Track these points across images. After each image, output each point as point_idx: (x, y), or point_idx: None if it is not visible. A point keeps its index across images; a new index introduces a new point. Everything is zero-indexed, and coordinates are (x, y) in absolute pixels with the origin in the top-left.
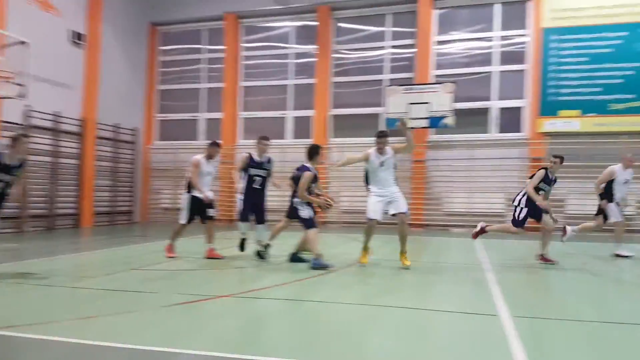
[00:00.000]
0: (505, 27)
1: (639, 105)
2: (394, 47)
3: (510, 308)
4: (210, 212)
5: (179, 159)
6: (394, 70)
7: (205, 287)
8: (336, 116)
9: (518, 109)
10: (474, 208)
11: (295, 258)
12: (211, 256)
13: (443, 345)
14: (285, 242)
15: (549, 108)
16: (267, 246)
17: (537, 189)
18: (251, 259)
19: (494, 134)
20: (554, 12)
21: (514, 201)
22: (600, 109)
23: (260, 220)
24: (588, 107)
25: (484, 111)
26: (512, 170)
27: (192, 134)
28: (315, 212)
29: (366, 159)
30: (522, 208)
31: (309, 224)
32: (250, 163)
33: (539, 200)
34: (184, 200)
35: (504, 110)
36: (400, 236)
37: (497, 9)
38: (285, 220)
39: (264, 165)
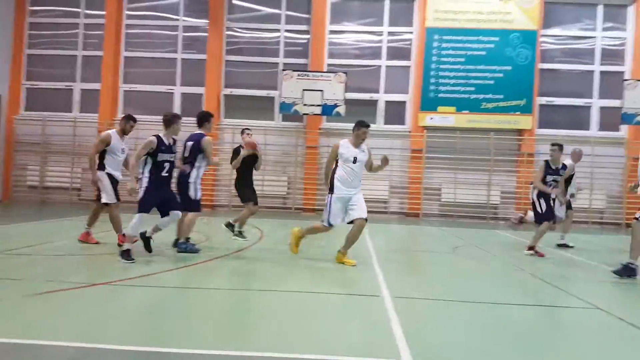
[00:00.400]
0: (393, 23)
1: (506, 105)
2: (289, 31)
3: (391, 290)
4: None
5: (50, 132)
6: (289, 54)
7: (78, 274)
8: (228, 96)
9: (403, 102)
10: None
11: (180, 246)
12: (85, 240)
13: (332, 325)
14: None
15: (429, 104)
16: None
17: (545, 182)
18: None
19: (380, 125)
20: (437, 13)
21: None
22: (473, 107)
23: (176, 207)
24: (463, 105)
25: (373, 103)
26: (395, 161)
27: (66, 105)
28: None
29: (335, 152)
30: (539, 202)
31: (194, 206)
32: (160, 147)
33: (547, 189)
34: (103, 178)
35: (390, 103)
36: (350, 239)
37: (387, 5)
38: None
39: (173, 149)
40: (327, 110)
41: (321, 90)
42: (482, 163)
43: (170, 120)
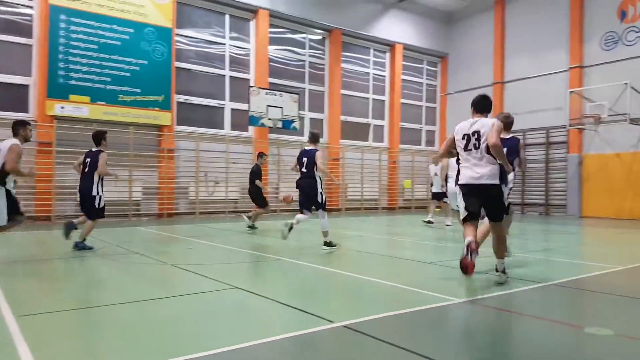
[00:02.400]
0: None
1: (145, 99)
2: None
3: (14, 308)
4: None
5: None
6: None
7: None
8: None
9: (25, 86)
10: None
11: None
12: None
13: None
14: None
15: (59, 90)
16: None
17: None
18: None
19: None
20: None
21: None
22: (110, 98)
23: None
24: (98, 95)
25: None
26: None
27: None
28: None
29: None
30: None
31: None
32: None
33: None
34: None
35: (5, 85)
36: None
37: None
38: None
39: None
40: None
41: None
42: (122, 158)
43: (318, 136)
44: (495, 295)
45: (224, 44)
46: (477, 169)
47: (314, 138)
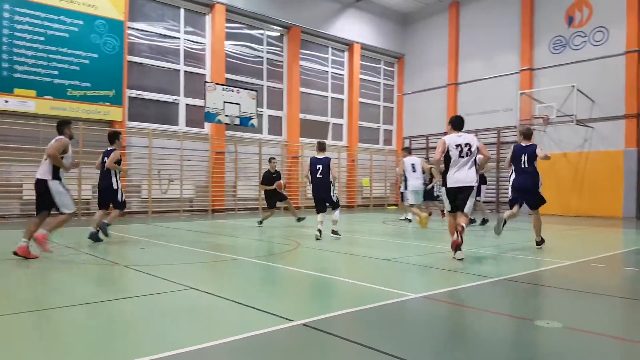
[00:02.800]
0: None
1: (95, 94)
2: None
3: None
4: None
5: None
6: None
7: None
8: None
9: None
10: None
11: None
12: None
13: None
14: None
15: (2, 83)
16: None
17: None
18: None
19: None
20: None
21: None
22: (57, 92)
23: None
24: (44, 89)
25: None
26: None
27: None
28: None
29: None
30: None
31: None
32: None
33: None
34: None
35: None
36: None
37: None
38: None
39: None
40: None
41: None
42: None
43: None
44: (450, 290)
45: (179, 38)
46: (466, 172)
47: (323, 147)
